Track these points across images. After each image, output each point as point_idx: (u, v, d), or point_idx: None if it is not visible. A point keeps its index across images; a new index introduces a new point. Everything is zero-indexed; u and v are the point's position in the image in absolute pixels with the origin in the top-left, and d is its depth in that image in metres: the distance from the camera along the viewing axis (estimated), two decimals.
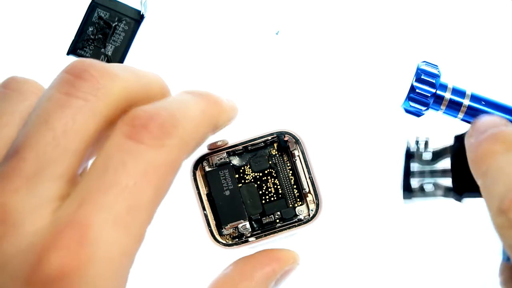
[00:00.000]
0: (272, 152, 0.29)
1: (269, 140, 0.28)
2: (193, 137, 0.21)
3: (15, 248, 0.18)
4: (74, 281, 0.17)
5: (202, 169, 0.28)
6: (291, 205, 0.29)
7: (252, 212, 0.28)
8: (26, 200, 0.18)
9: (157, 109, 0.20)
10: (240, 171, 0.29)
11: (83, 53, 0.45)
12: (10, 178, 0.18)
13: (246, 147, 0.28)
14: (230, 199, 0.28)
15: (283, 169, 0.29)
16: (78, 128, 0.19)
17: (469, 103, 0.42)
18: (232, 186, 0.28)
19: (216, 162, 0.28)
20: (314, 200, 0.28)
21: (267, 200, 0.29)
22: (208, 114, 0.22)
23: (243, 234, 0.28)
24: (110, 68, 0.21)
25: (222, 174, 0.28)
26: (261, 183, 0.29)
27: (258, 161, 0.29)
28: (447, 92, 0.43)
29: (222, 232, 0.28)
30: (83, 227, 0.18)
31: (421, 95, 0.42)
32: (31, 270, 0.17)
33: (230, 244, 0.28)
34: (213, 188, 0.28)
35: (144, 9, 0.45)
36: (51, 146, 0.19)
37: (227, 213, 0.28)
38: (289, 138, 0.28)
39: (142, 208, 0.19)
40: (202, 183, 0.28)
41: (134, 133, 0.19)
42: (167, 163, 0.20)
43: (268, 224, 0.28)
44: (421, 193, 0.43)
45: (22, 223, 0.18)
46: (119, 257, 0.18)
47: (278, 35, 0.45)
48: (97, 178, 0.19)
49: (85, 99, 0.20)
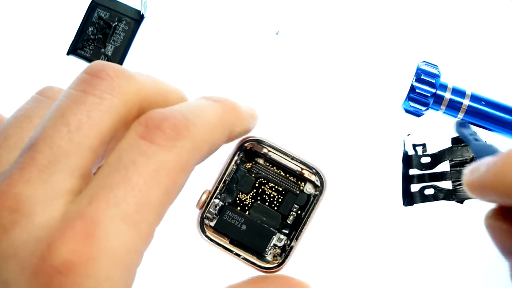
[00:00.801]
0: (247, 166, 0.29)
1: (237, 159, 0.28)
2: (207, 141, 0.21)
3: (26, 237, 0.18)
4: (80, 273, 0.18)
5: (209, 227, 0.29)
6: (298, 191, 0.29)
7: (275, 223, 0.29)
8: (38, 191, 0.19)
9: (171, 111, 0.21)
10: (237, 203, 0.29)
11: (83, 53, 0.45)
12: (24, 169, 0.19)
13: (225, 181, 0.28)
14: (250, 230, 0.28)
15: (267, 170, 0.29)
16: (92, 124, 0.20)
17: (469, 103, 0.42)
18: (243, 218, 0.28)
19: (215, 212, 0.29)
20: (312, 171, 0.28)
21: (277, 204, 0.29)
22: (224, 120, 0.23)
23: (284, 245, 0.29)
24: (127, 70, 0.21)
25: (227, 218, 0.28)
26: (261, 196, 0.29)
27: (244, 183, 0.29)
28: (447, 92, 0.43)
29: (267, 258, 0.29)
30: (92, 222, 0.18)
31: (421, 95, 0.42)
32: (38, 261, 0.18)
33: (282, 261, 0.28)
34: (230, 234, 0.28)
35: (144, 9, 0.45)
36: (65, 141, 0.19)
37: (258, 242, 0.28)
38: (250, 143, 0.28)
39: (151, 207, 0.19)
40: (219, 237, 0.28)
41: (147, 133, 0.20)
42: (179, 165, 0.20)
43: (295, 221, 0.29)
44: (421, 198, 0.43)
45: (33, 213, 0.18)
46: (126, 254, 0.18)
47: (278, 35, 0.45)
48: (108, 175, 0.19)
49: (100, 97, 0.20)
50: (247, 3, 0.46)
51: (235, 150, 0.28)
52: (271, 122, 0.45)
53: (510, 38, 0.46)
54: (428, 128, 0.45)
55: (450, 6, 0.46)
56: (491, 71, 0.46)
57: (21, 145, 0.21)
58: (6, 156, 0.20)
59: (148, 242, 0.19)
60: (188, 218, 0.30)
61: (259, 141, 0.28)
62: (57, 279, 0.17)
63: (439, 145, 0.44)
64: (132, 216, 0.19)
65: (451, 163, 0.43)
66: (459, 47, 0.46)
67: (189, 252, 0.42)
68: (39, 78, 0.45)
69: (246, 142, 0.28)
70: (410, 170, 0.44)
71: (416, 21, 0.46)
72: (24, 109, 0.22)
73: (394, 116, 0.45)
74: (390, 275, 0.43)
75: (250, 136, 0.28)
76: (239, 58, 0.45)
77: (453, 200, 0.43)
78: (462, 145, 0.44)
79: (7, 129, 0.21)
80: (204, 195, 0.28)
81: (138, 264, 0.19)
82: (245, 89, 0.45)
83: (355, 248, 0.43)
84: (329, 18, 0.46)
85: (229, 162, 0.28)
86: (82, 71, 0.21)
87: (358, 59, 0.44)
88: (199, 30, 0.46)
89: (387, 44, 0.46)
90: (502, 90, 0.45)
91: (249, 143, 0.28)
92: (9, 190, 0.18)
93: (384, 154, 0.44)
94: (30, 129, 0.21)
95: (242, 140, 0.28)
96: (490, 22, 0.46)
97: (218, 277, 0.41)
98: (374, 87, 0.43)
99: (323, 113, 0.45)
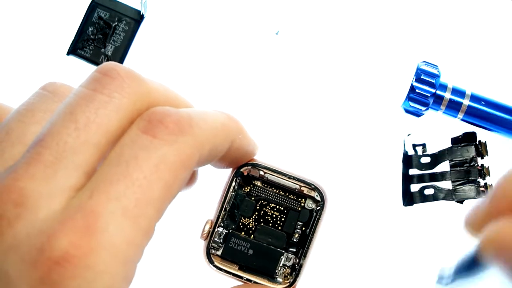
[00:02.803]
0: (246, 190, 0.29)
1: (234, 185, 0.28)
2: (209, 141, 0.21)
3: (28, 231, 0.18)
4: (78, 265, 0.18)
5: (216, 256, 0.28)
6: (299, 208, 0.29)
7: (281, 243, 0.28)
8: (43, 186, 0.19)
9: (176, 109, 0.21)
10: (241, 227, 0.29)
11: (83, 53, 0.45)
12: (31, 164, 0.19)
13: (226, 208, 0.28)
14: (258, 253, 0.28)
15: (266, 192, 0.29)
16: (100, 122, 0.20)
17: (469, 103, 0.42)
18: (249, 243, 0.28)
19: (220, 241, 0.28)
20: (310, 187, 0.28)
21: (280, 224, 0.29)
22: (227, 127, 0.23)
23: (293, 264, 0.28)
24: (138, 73, 0.22)
25: (233, 245, 0.28)
26: (264, 218, 0.29)
27: (245, 207, 0.28)
28: (447, 92, 0.43)
29: (278, 280, 0.28)
30: (92, 215, 0.18)
31: (421, 95, 0.42)
32: (38, 253, 0.18)
33: (293, 281, 0.28)
34: (238, 260, 0.28)
35: (144, 9, 0.45)
36: (72, 137, 0.20)
37: (267, 265, 0.28)
38: (246, 169, 0.28)
39: (151, 202, 0.19)
40: (227, 265, 0.28)
41: (150, 128, 0.20)
42: (179, 160, 0.20)
43: (301, 238, 0.29)
44: (421, 198, 0.43)
45: (37, 207, 0.19)
46: (126, 247, 0.19)
47: (278, 35, 0.45)
48: (109, 170, 0.19)
49: (110, 95, 0.20)
50: (247, 3, 0.46)
51: (232, 176, 0.28)
52: (271, 122, 0.45)
53: (510, 38, 0.46)
54: (428, 128, 0.45)
55: (450, 6, 0.46)
56: (491, 71, 0.45)
57: (24, 140, 0.21)
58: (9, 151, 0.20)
59: (148, 237, 0.20)
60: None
61: (255, 165, 0.28)
62: (56, 270, 0.18)
63: (439, 145, 0.44)
64: (132, 210, 0.19)
65: (451, 163, 0.43)
66: (459, 47, 0.46)
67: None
68: (39, 78, 0.45)
69: (242, 167, 0.28)
70: (410, 170, 0.44)
71: (416, 21, 0.46)
72: (27, 104, 0.22)
73: (394, 116, 0.45)
74: (390, 275, 0.43)
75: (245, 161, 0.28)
76: (239, 58, 0.45)
77: (453, 200, 0.43)
78: (462, 145, 0.44)
79: (10, 123, 0.21)
80: (207, 225, 0.28)
81: (138, 259, 0.20)
82: (245, 89, 0.45)
83: (355, 248, 0.43)
84: (329, 18, 0.46)
85: (227, 189, 0.28)
86: (94, 70, 0.21)
87: (358, 59, 0.44)
88: (199, 30, 0.46)
89: (387, 44, 0.46)
90: (502, 90, 0.45)
91: (245, 169, 0.28)
92: (14, 184, 0.19)
93: (384, 154, 0.44)
94: (32, 123, 0.21)
95: (237, 166, 0.28)
96: (490, 22, 0.46)
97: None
98: (374, 87, 0.43)
99: (323, 113, 0.45)
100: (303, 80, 0.45)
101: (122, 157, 0.19)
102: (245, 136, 0.24)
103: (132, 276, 0.19)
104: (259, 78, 0.45)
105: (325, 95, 0.45)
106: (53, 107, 0.22)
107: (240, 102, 0.45)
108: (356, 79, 0.44)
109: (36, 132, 0.21)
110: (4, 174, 0.19)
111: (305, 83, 0.45)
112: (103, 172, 0.19)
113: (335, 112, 0.45)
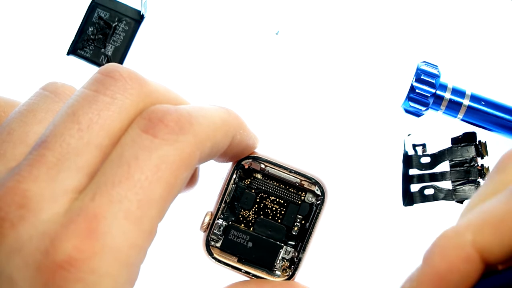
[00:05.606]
0: (246, 182, 0.29)
1: (235, 177, 0.28)
2: (210, 138, 0.21)
3: (31, 233, 0.18)
4: (82, 269, 0.18)
5: (215, 248, 0.28)
6: (299, 201, 0.28)
7: (280, 236, 0.28)
8: (46, 188, 0.19)
9: (175, 106, 0.21)
10: (241, 220, 0.28)
11: (83, 53, 0.45)
12: (34, 166, 0.19)
13: (226, 201, 0.28)
14: (257, 246, 0.28)
15: (266, 185, 0.29)
16: (103, 124, 0.20)
17: (469, 103, 0.42)
18: (248, 236, 0.28)
19: (219, 233, 0.28)
20: (311, 181, 0.28)
21: (280, 217, 0.29)
22: (228, 123, 0.23)
23: (292, 257, 0.28)
24: (140, 74, 0.22)
25: (232, 237, 0.28)
26: (264, 210, 0.29)
27: (245, 199, 0.28)
28: (447, 92, 0.43)
29: (276, 273, 0.28)
30: (94, 218, 0.18)
31: (421, 95, 0.42)
32: (42, 256, 0.18)
33: (292, 274, 0.28)
34: (237, 253, 0.28)
35: (144, 9, 0.45)
36: (75, 139, 0.20)
37: (266, 257, 0.28)
38: (247, 162, 0.28)
39: (153, 203, 0.19)
40: (226, 257, 0.28)
41: (150, 127, 0.20)
42: (180, 159, 0.20)
43: (300, 232, 0.28)
44: (421, 198, 0.43)
45: (40, 209, 0.19)
46: (128, 250, 0.19)
47: (278, 35, 0.45)
48: (111, 172, 0.19)
49: (112, 97, 0.20)
50: (247, 3, 0.46)
51: (232, 169, 0.28)
52: (271, 121, 0.45)
53: (510, 38, 0.46)
54: (428, 128, 0.45)
55: (450, 6, 0.46)
56: (491, 71, 0.46)
57: (25, 140, 0.21)
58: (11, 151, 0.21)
59: (151, 238, 0.20)
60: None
61: (255, 158, 0.28)
62: (60, 274, 0.18)
63: (439, 145, 0.44)
64: (134, 212, 0.19)
65: (451, 163, 0.43)
66: (459, 47, 0.46)
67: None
68: (39, 78, 0.45)
69: (243, 160, 0.28)
70: (410, 170, 0.44)
71: (416, 21, 0.46)
72: (28, 104, 0.22)
73: (394, 116, 0.45)
74: (391, 275, 0.43)
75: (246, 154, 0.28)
76: (239, 58, 0.45)
77: (453, 200, 0.43)
78: (462, 145, 0.44)
79: (11, 123, 0.21)
80: (206, 217, 0.28)
81: (141, 261, 0.20)
82: (245, 89, 0.45)
83: (355, 248, 0.43)
84: (329, 18, 0.46)
85: (228, 181, 0.28)
86: (96, 72, 0.21)
87: (358, 59, 0.44)
88: (199, 30, 0.46)
89: (387, 44, 0.46)
90: (502, 90, 0.45)
91: (246, 162, 0.28)
92: (18, 186, 0.19)
93: (384, 154, 0.44)
94: (34, 124, 0.21)
95: (238, 159, 0.28)
96: (490, 22, 0.46)
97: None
98: (374, 87, 0.43)
99: (323, 113, 0.45)
100: (303, 80, 0.45)
101: (123, 157, 0.19)
102: (246, 130, 0.24)
103: (136, 278, 0.19)
104: (260, 79, 0.45)
105: (325, 95, 0.45)
106: (54, 107, 0.22)
107: (240, 102, 0.45)
108: (356, 79, 0.44)
109: (38, 132, 0.21)
110: (8, 175, 0.19)
111: (305, 83, 0.45)
112: (105, 174, 0.19)
113: (335, 112, 0.45)
